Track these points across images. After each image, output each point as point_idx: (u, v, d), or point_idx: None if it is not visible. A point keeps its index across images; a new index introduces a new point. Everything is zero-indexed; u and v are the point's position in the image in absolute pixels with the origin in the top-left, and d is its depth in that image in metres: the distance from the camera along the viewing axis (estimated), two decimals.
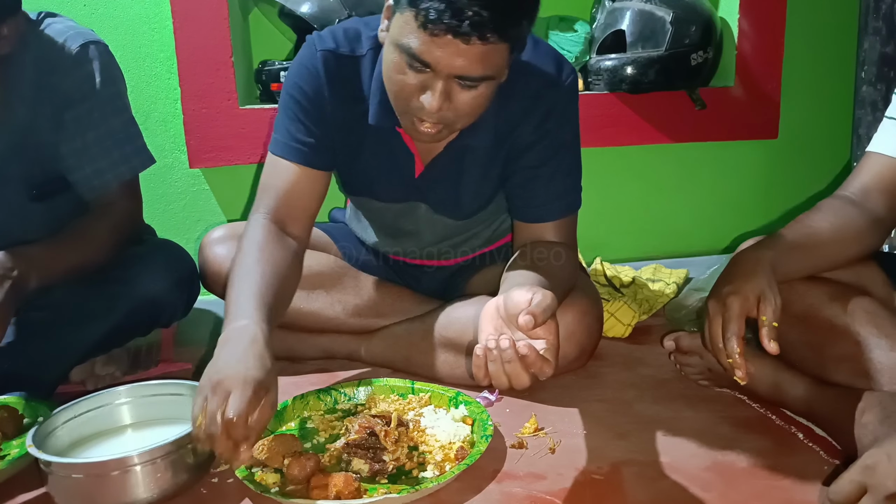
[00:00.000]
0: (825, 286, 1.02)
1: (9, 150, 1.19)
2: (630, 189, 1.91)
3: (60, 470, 0.88)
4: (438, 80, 0.93)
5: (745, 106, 1.80)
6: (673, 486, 0.92)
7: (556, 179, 1.13)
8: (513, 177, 1.15)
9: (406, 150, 1.14)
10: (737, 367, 0.91)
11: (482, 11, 0.87)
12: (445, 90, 0.94)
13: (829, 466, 0.95)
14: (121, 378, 1.28)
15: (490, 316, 0.86)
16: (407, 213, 1.24)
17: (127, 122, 1.26)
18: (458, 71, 0.92)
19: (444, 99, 0.94)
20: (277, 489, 0.90)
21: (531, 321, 0.80)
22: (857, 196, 1.03)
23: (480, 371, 0.82)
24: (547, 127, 1.10)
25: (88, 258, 1.19)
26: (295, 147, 1.11)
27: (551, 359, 0.81)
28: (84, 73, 1.18)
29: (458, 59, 0.91)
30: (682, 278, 1.66)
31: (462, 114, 0.98)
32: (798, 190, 1.97)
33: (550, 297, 0.83)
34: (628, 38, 1.66)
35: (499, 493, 0.92)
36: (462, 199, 1.20)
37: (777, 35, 1.79)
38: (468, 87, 0.94)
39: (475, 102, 0.97)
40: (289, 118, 1.12)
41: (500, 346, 0.80)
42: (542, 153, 1.12)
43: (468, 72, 0.92)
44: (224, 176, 1.72)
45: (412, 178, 1.17)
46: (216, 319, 1.54)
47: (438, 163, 1.15)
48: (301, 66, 1.11)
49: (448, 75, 0.93)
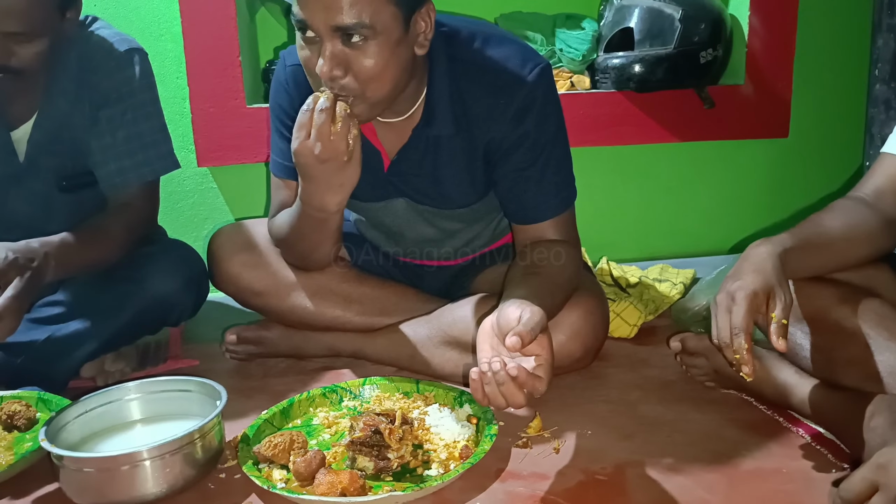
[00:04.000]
0: (835, 288, 1.01)
1: (45, 140, 1.24)
2: (637, 188, 1.90)
3: (72, 464, 0.89)
4: (325, 42, 0.94)
5: (755, 104, 1.78)
6: (678, 487, 0.92)
7: (547, 178, 1.12)
8: (502, 181, 1.14)
9: (370, 144, 1.15)
10: (744, 364, 0.90)
11: None
12: (333, 53, 0.94)
13: (837, 470, 0.94)
14: (130, 374, 1.29)
15: (486, 334, 0.89)
16: (388, 210, 1.25)
17: (156, 127, 1.30)
18: (331, 21, 0.92)
19: (334, 62, 0.94)
20: (283, 485, 0.91)
21: (518, 342, 0.82)
22: (871, 198, 1.02)
23: (478, 393, 0.85)
24: (525, 127, 1.09)
25: (102, 255, 1.22)
26: (284, 165, 1.19)
27: (543, 375, 0.84)
28: (125, 76, 1.24)
29: (327, 9, 0.91)
30: (689, 279, 1.66)
31: (364, 78, 0.96)
32: (809, 190, 1.96)
33: (539, 313, 0.85)
34: (636, 36, 1.65)
35: (503, 492, 0.92)
36: (445, 191, 1.19)
37: (788, 32, 1.77)
38: (355, 45, 0.94)
39: (373, 64, 0.95)
40: (277, 136, 1.19)
41: (492, 368, 0.83)
42: (527, 154, 1.11)
43: (341, 20, 0.92)
44: (232, 174, 1.73)
45: (382, 173, 1.18)
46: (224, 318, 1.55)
47: (405, 155, 1.15)
48: (276, 84, 1.17)
49: (326, 30, 0.93)
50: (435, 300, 1.30)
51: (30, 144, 1.24)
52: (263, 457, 0.94)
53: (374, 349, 1.30)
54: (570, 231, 1.16)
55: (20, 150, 1.24)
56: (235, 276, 1.29)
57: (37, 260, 1.08)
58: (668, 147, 1.83)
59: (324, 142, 0.97)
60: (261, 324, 1.37)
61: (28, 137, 1.23)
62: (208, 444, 0.94)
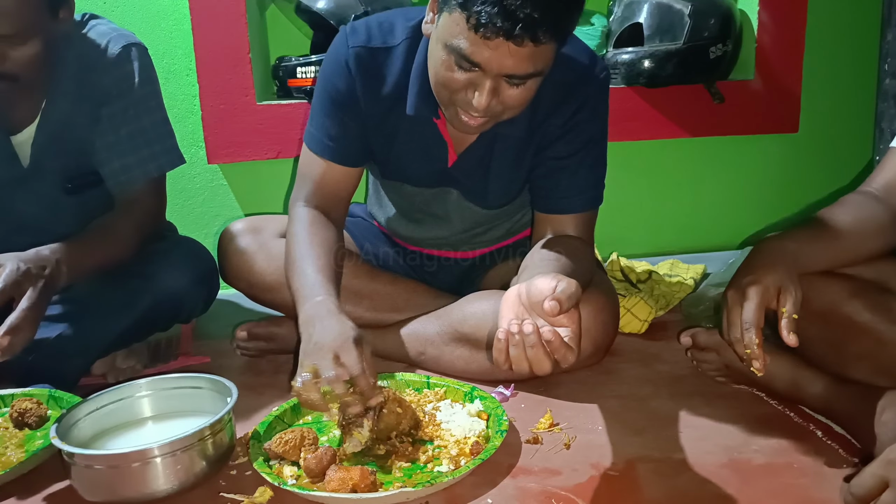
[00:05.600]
0: (845, 282, 1.01)
1: (49, 143, 1.23)
2: (647, 184, 1.90)
3: (82, 461, 0.89)
4: (487, 78, 0.94)
5: (765, 99, 1.77)
6: (689, 482, 0.92)
7: (581, 172, 1.13)
8: (539, 167, 1.15)
9: (441, 139, 1.15)
10: (754, 359, 0.90)
11: (534, 13, 0.86)
12: (493, 87, 0.94)
13: (848, 464, 0.94)
14: (141, 371, 1.30)
15: (511, 303, 0.85)
16: (439, 197, 1.25)
17: (159, 122, 1.29)
18: (508, 71, 0.92)
19: (492, 96, 0.95)
20: (294, 482, 0.91)
21: (556, 307, 0.79)
22: (881, 192, 1.02)
23: (502, 355, 0.82)
24: (577, 119, 1.10)
25: (113, 255, 1.22)
26: (327, 144, 1.16)
27: (574, 346, 0.81)
28: (124, 72, 1.23)
29: (509, 60, 0.91)
30: (700, 274, 1.65)
31: (509, 107, 0.99)
32: (819, 185, 1.95)
33: (575, 284, 0.82)
34: (646, 32, 1.64)
35: (513, 487, 0.92)
36: (490, 188, 1.20)
37: (798, 27, 1.76)
38: (516, 83, 0.95)
39: (522, 97, 0.97)
40: (323, 112, 1.15)
41: (523, 330, 0.80)
42: (570, 145, 1.12)
43: (518, 71, 0.92)
44: (242, 171, 1.74)
45: (445, 167, 1.18)
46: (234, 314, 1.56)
47: (471, 152, 1.16)
48: (334, 63, 1.12)
49: (497, 74, 0.93)
50: (446, 296, 1.30)
51: (34, 148, 1.23)
52: (274, 453, 0.95)
53: (385, 345, 1.30)
54: (588, 232, 1.17)
55: (24, 154, 1.23)
56: (246, 272, 1.29)
57: (49, 268, 1.08)
58: (677, 142, 1.82)
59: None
60: (271, 320, 1.37)
61: (32, 141, 1.22)
62: (219, 440, 0.94)
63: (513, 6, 0.86)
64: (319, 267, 1.05)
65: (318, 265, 1.05)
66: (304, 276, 1.04)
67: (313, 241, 1.10)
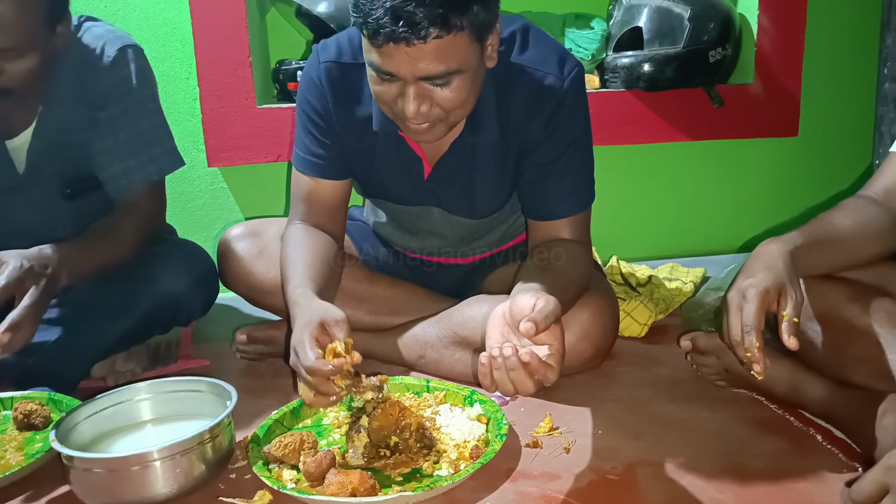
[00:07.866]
0: (845, 286, 1.01)
1: (46, 148, 1.22)
2: (647, 187, 1.90)
3: (82, 464, 0.89)
4: (408, 85, 0.94)
5: (765, 103, 1.77)
6: (688, 486, 0.91)
7: (568, 176, 1.13)
8: (524, 174, 1.15)
9: (412, 152, 1.15)
10: (754, 362, 0.90)
11: (416, 11, 0.87)
12: (418, 93, 0.94)
13: (848, 469, 0.94)
14: (140, 374, 1.30)
15: (497, 322, 0.87)
16: (422, 216, 1.25)
17: (157, 124, 1.29)
18: (421, 73, 0.92)
19: (420, 102, 0.95)
20: (294, 486, 0.91)
21: (532, 328, 0.81)
22: (881, 196, 1.02)
23: (486, 379, 0.84)
24: (555, 123, 1.10)
25: (114, 257, 1.22)
26: (310, 161, 1.17)
27: (555, 364, 0.83)
28: (120, 75, 1.22)
29: (415, 63, 0.91)
30: (699, 277, 1.65)
31: (448, 108, 0.98)
32: (818, 189, 1.95)
33: (553, 302, 0.84)
34: (645, 35, 1.65)
35: (513, 491, 0.92)
36: (476, 199, 1.20)
37: (797, 31, 1.77)
38: (440, 84, 0.94)
39: (455, 96, 0.96)
40: (303, 131, 1.17)
41: (503, 353, 0.82)
42: (553, 150, 1.11)
43: (431, 72, 0.92)
44: (242, 174, 1.74)
45: (422, 180, 1.18)
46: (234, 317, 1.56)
47: (446, 163, 1.15)
48: (307, 79, 1.14)
49: (413, 79, 0.93)
50: (445, 300, 1.30)
51: (30, 153, 1.22)
52: (274, 457, 0.94)
53: (385, 349, 1.30)
54: (583, 233, 1.16)
55: (19, 159, 1.23)
56: (246, 275, 1.30)
57: (51, 266, 1.08)
58: (677, 146, 1.82)
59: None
60: (271, 323, 1.37)
61: (28, 146, 1.22)
62: (219, 444, 0.94)
63: (397, 9, 0.87)
64: (303, 273, 1.05)
65: (303, 271, 1.05)
66: (290, 282, 1.04)
67: (303, 250, 1.10)
